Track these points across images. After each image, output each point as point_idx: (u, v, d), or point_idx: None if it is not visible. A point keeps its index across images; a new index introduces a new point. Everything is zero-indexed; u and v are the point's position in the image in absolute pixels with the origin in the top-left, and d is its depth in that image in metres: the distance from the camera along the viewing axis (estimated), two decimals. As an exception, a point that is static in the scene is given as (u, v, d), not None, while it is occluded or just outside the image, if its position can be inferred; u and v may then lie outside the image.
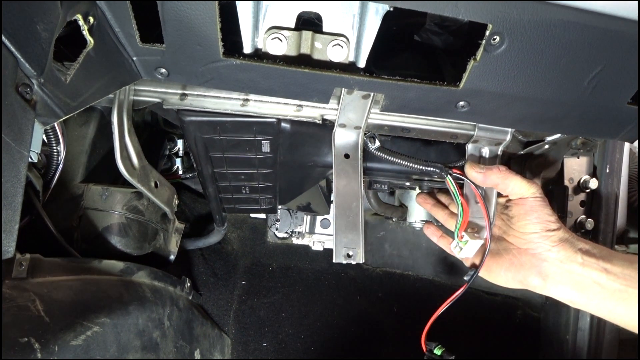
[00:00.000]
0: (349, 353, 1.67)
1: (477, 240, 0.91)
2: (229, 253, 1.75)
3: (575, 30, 0.62)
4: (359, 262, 0.94)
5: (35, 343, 0.65)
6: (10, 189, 0.57)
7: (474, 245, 0.92)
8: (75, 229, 1.00)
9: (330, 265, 1.81)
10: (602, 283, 0.81)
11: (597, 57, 0.67)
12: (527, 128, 0.91)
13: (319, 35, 0.67)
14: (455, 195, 0.93)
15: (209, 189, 1.13)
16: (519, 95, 0.73)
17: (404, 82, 0.72)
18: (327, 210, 1.52)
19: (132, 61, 0.71)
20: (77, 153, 1.07)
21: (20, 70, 0.55)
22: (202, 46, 0.66)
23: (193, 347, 1.24)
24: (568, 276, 0.83)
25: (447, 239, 1.01)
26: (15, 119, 0.55)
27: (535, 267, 0.86)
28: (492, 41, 0.63)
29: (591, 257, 0.83)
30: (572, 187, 1.22)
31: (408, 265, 1.83)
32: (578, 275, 0.83)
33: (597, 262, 0.82)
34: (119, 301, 0.92)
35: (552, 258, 0.84)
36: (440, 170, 0.95)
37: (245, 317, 1.65)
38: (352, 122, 0.92)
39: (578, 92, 0.73)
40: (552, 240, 0.85)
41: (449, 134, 0.96)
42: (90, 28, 0.62)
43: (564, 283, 0.84)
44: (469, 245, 0.92)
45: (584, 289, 0.82)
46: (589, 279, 0.82)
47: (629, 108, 0.77)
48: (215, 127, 0.93)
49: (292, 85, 0.74)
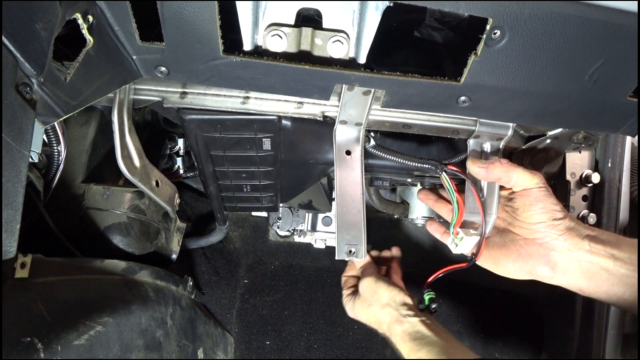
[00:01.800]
0: (353, 350, 1.67)
1: (472, 237, 0.91)
2: (231, 252, 1.75)
3: (576, 24, 0.62)
4: (361, 259, 0.94)
5: (38, 343, 0.65)
6: (11, 189, 0.57)
7: (469, 241, 0.92)
8: (77, 229, 1.00)
9: (333, 262, 1.81)
10: (610, 269, 0.81)
11: (598, 51, 0.66)
12: (529, 123, 0.91)
13: (319, 32, 0.67)
14: (451, 192, 0.93)
15: (210, 187, 1.13)
16: (520, 89, 0.73)
17: (404, 78, 0.72)
18: (329, 208, 1.52)
19: (131, 60, 0.71)
20: (77, 153, 1.07)
21: (19, 70, 0.55)
22: (201, 44, 0.66)
23: (196, 346, 1.24)
24: (576, 264, 0.84)
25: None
26: (15, 119, 0.55)
27: (543, 257, 0.86)
28: (493, 35, 0.63)
29: (598, 244, 0.83)
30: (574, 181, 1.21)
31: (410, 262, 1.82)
32: (586, 263, 0.83)
33: (605, 248, 0.82)
34: (121, 300, 0.92)
35: (560, 247, 0.85)
36: (435, 167, 0.94)
37: (248, 316, 1.65)
38: (353, 119, 0.92)
39: (579, 86, 0.73)
40: (558, 229, 0.85)
41: (450, 129, 0.96)
42: (89, 27, 0.61)
43: (572, 271, 0.84)
44: (465, 241, 0.92)
45: (593, 276, 0.83)
46: (596, 265, 0.82)
47: (630, 102, 0.77)
48: (216, 125, 0.93)
49: (293, 82, 0.74)
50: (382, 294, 1.05)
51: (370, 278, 1.09)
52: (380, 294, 1.05)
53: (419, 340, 0.91)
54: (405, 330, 0.95)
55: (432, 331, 0.92)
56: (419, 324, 0.94)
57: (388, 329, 0.99)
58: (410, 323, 0.95)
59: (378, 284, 1.06)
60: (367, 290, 1.08)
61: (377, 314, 1.03)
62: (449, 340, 0.91)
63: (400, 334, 0.95)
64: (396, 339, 0.96)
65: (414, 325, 0.94)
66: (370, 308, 1.06)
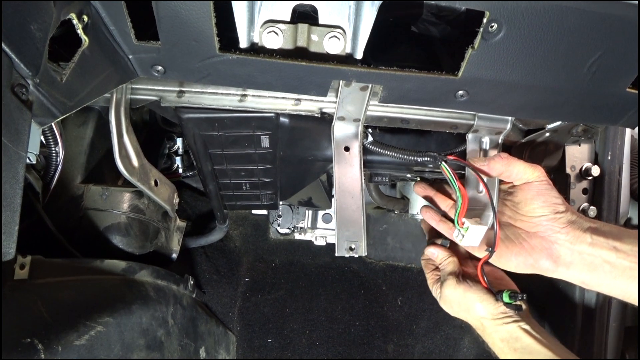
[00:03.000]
0: (354, 347, 1.67)
1: (479, 225, 0.89)
2: (231, 250, 1.75)
3: (573, 16, 0.61)
4: (361, 255, 0.94)
5: (39, 344, 0.65)
6: (9, 190, 0.57)
7: (476, 231, 0.89)
8: (76, 230, 1.00)
9: (333, 259, 1.81)
10: (612, 262, 0.81)
11: (596, 43, 0.66)
12: (528, 116, 0.91)
13: (315, 28, 0.67)
14: (452, 182, 0.92)
15: (209, 186, 1.13)
16: (519, 82, 0.72)
17: (402, 73, 0.71)
18: (329, 205, 1.52)
19: (127, 59, 0.70)
20: (76, 153, 1.06)
21: (15, 71, 0.54)
22: (197, 42, 0.65)
23: (198, 345, 1.24)
24: (579, 257, 0.83)
25: (448, 224, 0.99)
26: (12, 120, 0.55)
27: (545, 250, 0.86)
28: (490, 29, 0.62)
29: (600, 236, 0.82)
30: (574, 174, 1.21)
31: (411, 258, 1.83)
32: (588, 256, 0.82)
33: (607, 240, 0.82)
34: (122, 300, 0.92)
35: (562, 240, 0.84)
36: (434, 159, 0.94)
37: (249, 314, 1.65)
38: (351, 115, 0.91)
39: (578, 79, 0.72)
40: (560, 222, 0.85)
41: (449, 124, 0.96)
42: (84, 27, 0.61)
43: (575, 264, 0.84)
44: (471, 231, 0.89)
45: (595, 269, 0.82)
46: (599, 258, 0.82)
47: (629, 94, 0.76)
48: (214, 123, 0.93)
49: (290, 79, 0.73)
50: (471, 304, 0.97)
51: (453, 284, 1.00)
52: (469, 303, 0.97)
53: (520, 350, 0.88)
54: (502, 338, 0.92)
55: (532, 337, 0.89)
56: (517, 330, 0.91)
57: (482, 332, 0.97)
58: (507, 330, 0.92)
59: (466, 294, 0.97)
60: (453, 295, 0.99)
61: (468, 318, 0.99)
62: (552, 345, 0.88)
63: (497, 341, 0.92)
64: (492, 342, 0.94)
65: (512, 332, 0.91)
66: (460, 310, 1.00)
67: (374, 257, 1.84)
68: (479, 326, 0.97)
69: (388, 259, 1.83)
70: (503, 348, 0.92)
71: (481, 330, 0.97)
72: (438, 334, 1.72)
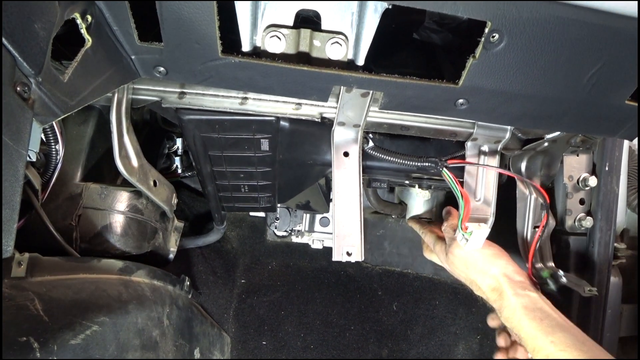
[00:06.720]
0: (349, 351, 1.67)
1: (482, 229, 0.89)
2: (228, 252, 1.75)
3: (574, 28, 0.62)
4: (358, 260, 0.94)
5: (35, 342, 0.65)
6: (8, 188, 0.57)
7: (480, 235, 0.90)
8: (74, 228, 1.00)
9: (330, 263, 1.81)
10: None
11: (596, 55, 0.67)
12: (527, 126, 0.91)
13: (317, 34, 0.67)
14: (454, 186, 0.92)
15: (208, 187, 1.13)
16: (518, 92, 0.73)
17: (403, 80, 0.72)
18: (327, 209, 1.52)
19: (130, 60, 0.71)
20: (75, 152, 1.06)
21: (18, 70, 0.54)
22: (200, 44, 0.66)
23: (193, 345, 1.24)
24: None
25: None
26: (14, 118, 0.55)
27: None
28: (491, 39, 0.63)
29: None
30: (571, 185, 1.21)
31: (407, 263, 1.83)
32: None
33: None
34: (118, 300, 0.91)
35: None
36: (435, 164, 0.94)
37: (244, 316, 1.65)
38: (351, 120, 0.92)
39: (577, 90, 0.73)
40: None
41: (448, 131, 0.96)
42: (88, 27, 0.61)
43: None
44: (475, 236, 0.90)
45: None
46: None
47: (628, 105, 0.77)
48: (214, 125, 0.93)
49: (291, 84, 0.74)
50: (492, 261, 0.94)
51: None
52: (488, 261, 0.95)
53: (547, 320, 0.85)
54: (526, 306, 0.88)
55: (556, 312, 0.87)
56: (540, 300, 0.89)
57: (498, 297, 0.92)
58: (530, 298, 0.89)
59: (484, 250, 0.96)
60: (467, 253, 0.97)
61: (484, 280, 0.95)
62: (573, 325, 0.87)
63: (520, 308, 0.88)
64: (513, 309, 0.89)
65: (535, 301, 0.89)
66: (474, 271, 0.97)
67: (371, 261, 1.84)
68: (497, 287, 0.93)
69: (384, 264, 1.83)
70: (524, 316, 0.87)
71: (497, 294, 0.93)
72: (432, 340, 1.72)
